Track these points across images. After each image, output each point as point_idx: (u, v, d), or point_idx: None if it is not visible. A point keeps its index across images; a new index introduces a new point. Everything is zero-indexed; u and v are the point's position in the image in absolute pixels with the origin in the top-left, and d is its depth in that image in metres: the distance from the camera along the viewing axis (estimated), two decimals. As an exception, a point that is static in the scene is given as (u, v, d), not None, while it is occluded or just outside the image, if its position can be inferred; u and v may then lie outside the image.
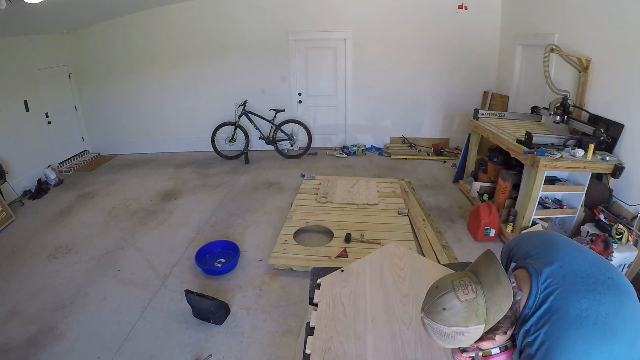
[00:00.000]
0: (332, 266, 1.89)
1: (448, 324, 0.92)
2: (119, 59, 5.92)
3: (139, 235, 3.77)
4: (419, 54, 5.80)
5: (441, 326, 0.93)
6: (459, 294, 0.93)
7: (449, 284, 0.96)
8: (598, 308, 0.89)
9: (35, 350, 2.40)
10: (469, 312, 0.92)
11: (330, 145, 6.44)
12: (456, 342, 0.96)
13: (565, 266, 0.97)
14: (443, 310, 0.93)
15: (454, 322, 0.92)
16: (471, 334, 0.94)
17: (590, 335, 0.86)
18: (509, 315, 0.95)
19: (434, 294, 0.97)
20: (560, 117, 3.57)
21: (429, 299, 0.97)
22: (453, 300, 0.93)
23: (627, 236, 2.75)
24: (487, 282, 0.94)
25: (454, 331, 0.93)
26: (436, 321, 0.94)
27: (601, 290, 0.92)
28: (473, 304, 0.92)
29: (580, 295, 0.91)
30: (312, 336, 1.39)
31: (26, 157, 4.90)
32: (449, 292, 0.94)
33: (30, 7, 3.29)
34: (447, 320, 0.92)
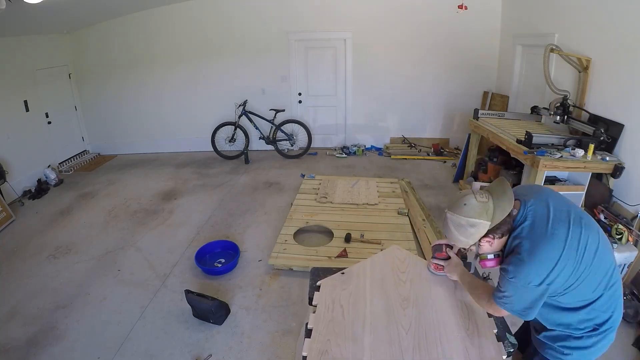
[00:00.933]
0: (332, 266, 1.88)
1: (466, 215, 1.24)
2: (119, 59, 5.92)
3: (139, 235, 3.77)
4: (419, 54, 5.80)
5: (459, 217, 1.25)
6: (476, 196, 1.25)
7: (469, 190, 1.29)
8: (566, 234, 1.20)
9: (35, 350, 2.40)
10: (481, 209, 1.23)
11: (330, 145, 6.44)
12: (467, 234, 1.26)
13: (546, 200, 1.28)
14: (464, 206, 1.25)
15: (470, 214, 1.23)
16: (479, 228, 1.24)
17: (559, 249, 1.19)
18: (507, 221, 1.26)
19: (457, 196, 1.29)
20: (560, 117, 3.57)
21: (453, 200, 1.29)
22: (471, 199, 1.25)
23: (627, 236, 2.75)
24: (496, 193, 1.27)
25: (468, 222, 1.24)
26: (456, 213, 1.25)
27: (568, 222, 1.23)
28: (485, 205, 1.24)
29: (555, 220, 1.22)
30: (310, 338, 1.38)
31: (26, 157, 4.91)
32: (469, 194, 1.27)
33: (30, 7, 3.29)
34: (465, 212, 1.24)
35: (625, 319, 2.52)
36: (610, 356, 2.27)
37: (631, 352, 2.31)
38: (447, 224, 1.29)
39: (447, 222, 1.29)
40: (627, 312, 2.53)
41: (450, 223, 1.28)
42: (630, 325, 2.49)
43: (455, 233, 1.27)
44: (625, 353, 2.31)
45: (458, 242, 1.31)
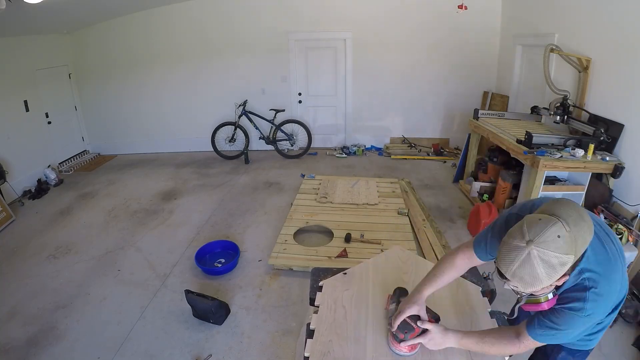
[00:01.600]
0: (332, 266, 1.88)
1: (560, 251, 0.93)
2: (119, 59, 5.92)
3: (139, 235, 3.77)
4: (419, 54, 5.80)
5: (553, 254, 0.93)
6: (565, 225, 0.95)
7: (553, 217, 0.97)
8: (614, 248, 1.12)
9: (35, 350, 2.40)
10: (572, 242, 0.95)
11: (330, 145, 6.44)
12: (553, 275, 0.96)
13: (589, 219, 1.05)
14: (558, 238, 0.93)
15: (565, 250, 0.94)
16: (567, 266, 0.96)
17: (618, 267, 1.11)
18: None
19: (543, 225, 0.95)
20: (560, 117, 3.57)
21: (538, 230, 0.95)
22: (563, 230, 0.94)
23: (627, 236, 2.75)
24: (572, 219, 0.97)
25: (560, 261, 0.94)
26: (550, 249, 0.93)
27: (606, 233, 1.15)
28: (572, 235, 0.95)
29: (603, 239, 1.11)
30: (312, 339, 1.38)
31: (26, 157, 4.90)
32: (555, 222, 0.95)
33: (30, 7, 3.29)
34: (560, 248, 0.93)
35: (625, 319, 2.52)
36: (610, 356, 2.28)
37: (631, 352, 2.31)
38: (531, 264, 0.94)
39: (533, 261, 0.94)
40: (627, 312, 2.53)
41: (540, 263, 0.94)
42: (630, 325, 2.49)
43: (542, 274, 0.94)
44: (625, 353, 2.31)
45: (535, 286, 0.98)
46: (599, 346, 2.32)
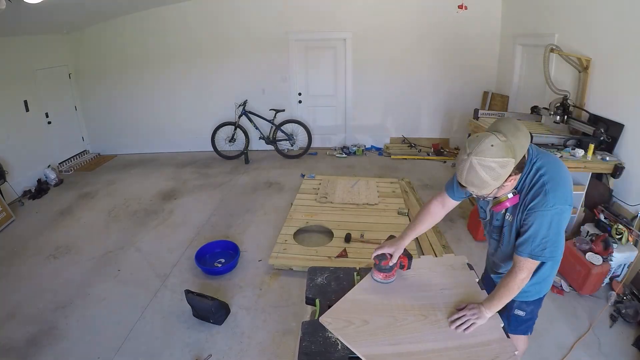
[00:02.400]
0: (332, 266, 1.87)
1: (495, 156, 1.15)
2: (119, 58, 5.91)
3: (139, 235, 3.77)
4: (419, 54, 5.80)
5: (489, 160, 1.16)
6: (498, 136, 1.18)
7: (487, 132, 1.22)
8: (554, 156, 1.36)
9: (35, 350, 2.40)
10: (506, 148, 1.17)
11: (330, 145, 6.44)
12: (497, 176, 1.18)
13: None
14: (491, 147, 1.16)
15: (500, 154, 1.16)
16: (508, 167, 1.18)
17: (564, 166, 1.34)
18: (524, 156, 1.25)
19: (477, 140, 1.19)
20: (560, 117, 3.57)
21: (474, 144, 1.18)
22: (495, 139, 1.17)
23: (627, 236, 2.75)
24: (509, 131, 1.22)
25: (498, 163, 1.16)
26: (486, 156, 1.16)
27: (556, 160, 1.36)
28: (507, 143, 1.18)
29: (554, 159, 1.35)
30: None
31: (26, 157, 4.91)
32: (489, 135, 1.19)
33: (30, 7, 3.30)
34: (494, 154, 1.15)
35: (625, 319, 2.52)
36: (610, 356, 2.28)
37: (631, 352, 2.30)
38: (474, 170, 1.18)
39: (475, 167, 1.17)
40: (627, 312, 2.53)
41: (480, 168, 1.17)
42: (630, 325, 2.49)
43: (486, 177, 1.18)
44: (625, 353, 2.31)
45: (486, 189, 1.22)
46: (599, 346, 2.33)
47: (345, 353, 1.33)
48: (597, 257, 2.69)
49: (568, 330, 2.47)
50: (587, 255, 2.72)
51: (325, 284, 1.71)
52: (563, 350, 2.32)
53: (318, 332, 1.42)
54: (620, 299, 2.67)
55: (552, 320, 2.54)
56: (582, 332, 2.46)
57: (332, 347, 1.36)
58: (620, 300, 2.65)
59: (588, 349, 2.33)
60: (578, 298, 2.76)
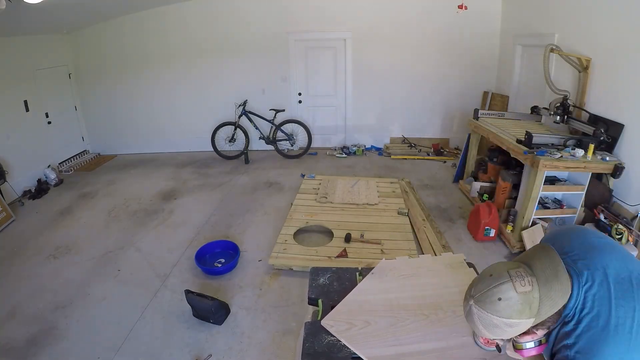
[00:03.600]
0: (332, 266, 1.88)
1: (501, 315, 0.90)
2: (119, 59, 5.91)
3: (139, 235, 3.77)
4: (419, 54, 5.80)
5: (492, 316, 0.91)
6: (516, 284, 0.90)
7: (505, 274, 0.92)
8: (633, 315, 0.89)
9: (35, 350, 2.40)
10: (523, 305, 0.89)
11: (330, 145, 6.44)
12: (500, 334, 0.94)
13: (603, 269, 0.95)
14: (499, 301, 0.90)
15: (508, 313, 0.89)
16: (520, 327, 0.92)
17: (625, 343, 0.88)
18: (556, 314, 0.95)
19: (488, 283, 0.92)
20: (560, 117, 3.57)
21: (482, 287, 0.93)
22: (510, 291, 0.89)
23: (627, 236, 2.75)
24: (544, 276, 0.92)
25: (504, 322, 0.90)
26: (488, 311, 0.91)
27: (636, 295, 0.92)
28: (528, 297, 0.89)
29: (618, 303, 0.91)
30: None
31: (26, 157, 4.90)
32: (506, 282, 0.90)
33: (30, 7, 3.30)
34: (500, 311, 0.90)
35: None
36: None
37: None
38: (473, 320, 0.95)
39: (474, 318, 0.94)
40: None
41: (479, 321, 0.93)
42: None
43: (485, 333, 0.95)
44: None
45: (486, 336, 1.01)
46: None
47: (348, 354, 1.33)
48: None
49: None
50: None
51: (328, 284, 1.71)
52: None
53: (321, 332, 1.42)
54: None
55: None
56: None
57: (335, 348, 1.36)
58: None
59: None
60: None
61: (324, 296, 1.63)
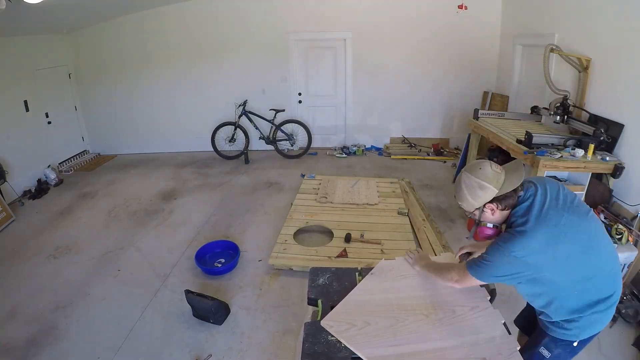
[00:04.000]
0: (332, 266, 1.88)
1: (478, 177, 1.35)
2: (119, 59, 5.92)
3: (139, 235, 3.77)
4: (419, 54, 5.80)
5: (472, 178, 1.36)
6: (492, 166, 1.37)
7: (488, 160, 1.40)
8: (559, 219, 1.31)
9: (35, 350, 2.40)
10: (493, 177, 1.35)
11: (330, 145, 6.44)
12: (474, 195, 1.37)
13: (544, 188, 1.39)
14: (479, 169, 1.37)
15: (482, 177, 1.35)
16: (486, 192, 1.35)
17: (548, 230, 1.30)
18: (512, 196, 1.36)
19: (475, 162, 1.41)
20: (560, 117, 3.57)
21: (472, 164, 1.41)
22: (487, 167, 1.37)
23: (627, 236, 2.74)
24: (509, 169, 1.39)
25: (478, 183, 1.35)
26: (471, 174, 1.37)
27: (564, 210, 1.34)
28: (497, 175, 1.35)
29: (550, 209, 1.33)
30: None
31: (26, 157, 4.90)
32: (486, 161, 1.39)
33: (30, 7, 3.30)
34: (478, 175, 1.36)
35: (625, 319, 2.52)
36: (610, 356, 2.28)
37: (631, 352, 2.31)
38: (459, 183, 1.41)
39: (460, 181, 1.40)
40: (627, 312, 2.53)
41: (462, 182, 1.39)
42: (630, 325, 2.49)
43: (465, 192, 1.38)
44: (625, 353, 2.31)
45: (465, 202, 1.41)
46: (599, 346, 2.33)
47: (348, 354, 1.33)
48: (597, 257, 2.68)
49: (568, 330, 2.47)
50: (587, 255, 2.71)
51: (328, 285, 1.71)
52: (563, 350, 2.32)
53: (321, 333, 1.42)
54: (620, 299, 2.66)
55: (552, 320, 2.54)
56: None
57: (335, 348, 1.36)
58: (620, 301, 2.64)
59: (588, 349, 2.30)
60: (578, 298, 2.76)
61: (323, 296, 1.63)
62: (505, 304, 2.41)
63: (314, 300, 1.63)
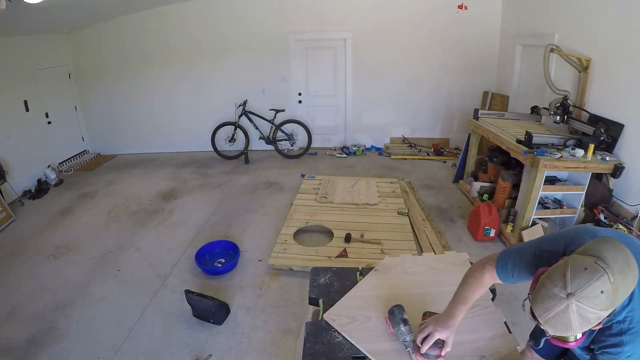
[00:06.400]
0: (332, 266, 1.88)
1: (600, 308, 0.87)
2: (119, 59, 5.91)
3: (139, 235, 3.77)
4: (419, 54, 5.80)
5: (591, 310, 0.87)
6: (609, 274, 0.87)
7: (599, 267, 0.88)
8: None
9: (35, 350, 2.40)
10: (613, 297, 0.88)
11: (330, 145, 6.44)
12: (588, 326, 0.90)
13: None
14: (601, 294, 0.86)
15: (605, 306, 0.87)
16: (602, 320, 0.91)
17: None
18: None
19: (588, 277, 0.87)
20: (560, 117, 3.57)
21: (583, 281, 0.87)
22: (607, 284, 0.86)
23: (627, 236, 2.74)
24: (617, 266, 0.89)
25: (597, 316, 0.88)
26: (590, 306, 0.86)
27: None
28: (614, 287, 0.88)
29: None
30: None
31: (26, 157, 4.90)
32: (603, 275, 0.87)
33: (30, 7, 3.30)
34: (600, 304, 0.87)
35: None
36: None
37: (631, 352, 2.30)
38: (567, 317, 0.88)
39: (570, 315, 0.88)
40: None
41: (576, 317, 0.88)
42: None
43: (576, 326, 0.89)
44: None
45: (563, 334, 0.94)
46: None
47: (349, 353, 1.33)
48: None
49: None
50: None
51: (328, 284, 1.71)
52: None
53: (322, 332, 1.42)
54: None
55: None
56: (583, 332, 2.45)
57: (336, 348, 1.36)
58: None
59: (588, 349, 2.32)
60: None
61: (324, 296, 1.63)
62: (506, 304, 2.41)
63: (315, 300, 1.63)
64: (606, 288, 0.86)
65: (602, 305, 0.87)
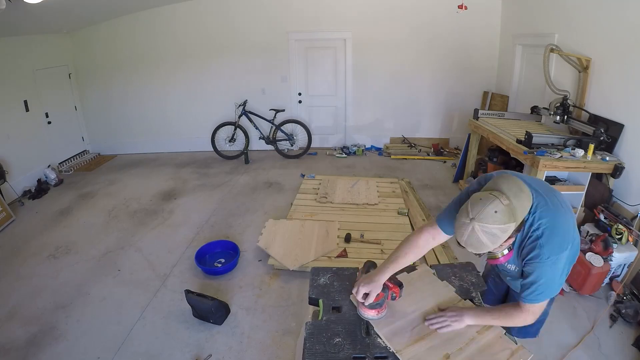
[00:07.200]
0: (332, 266, 1.87)
1: (499, 222, 1.14)
2: (118, 59, 5.91)
3: (139, 235, 3.77)
4: (419, 54, 5.80)
5: (492, 226, 1.14)
6: (502, 200, 1.16)
7: (490, 195, 1.17)
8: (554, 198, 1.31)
9: (35, 350, 2.40)
10: (509, 213, 1.16)
11: (330, 145, 6.44)
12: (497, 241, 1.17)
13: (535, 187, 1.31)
14: (495, 213, 1.14)
15: (503, 220, 1.14)
16: (509, 231, 1.17)
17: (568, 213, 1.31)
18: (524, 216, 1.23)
19: (481, 204, 1.16)
20: (560, 117, 3.57)
21: (477, 208, 1.16)
22: (499, 205, 1.15)
23: (627, 236, 2.75)
24: (513, 193, 1.19)
25: (500, 229, 1.15)
26: (489, 222, 1.14)
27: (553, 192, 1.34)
28: (510, 207, 1.16)
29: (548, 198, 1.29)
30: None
31: (26, 157, 4.90)
32: (493, 200, 1.16)
33: (30, 7, 3.30)
34: (497, 220, 1.14)
35: (625, 319, 2.53)
36: (610, 356, 2.28)
37: (631, 352, 2.31)
38: (475, 235, 1.16)
39: (477, 233, 1.16)
40: (627, 312, 2.53)
41: (483, 234, 1.16)
42: (630, 325, 2.50)
43: (486, 241, 1.17)
44: (625, 353, 2.31)
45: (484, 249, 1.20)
46: (599, 346, 2.33)
47: (349, 354, 1.33)
48: (597, 257, 2.69)
49: (568, 330, 2.47)
50: (587, 255, 2.72)
51: (328, 284, 1.71)
52: (563, 350, 2.32)
53: (322, 332, 1.42)
54: (620, 299, 2.67)
55: (552, 320, 2.53)
56: (582, 332, 2.46)
57: (336, 348, 1.36)
58: (620, 301, 2.65)
59: (588, 349, 2.33)
60: (578, 298, 2.76)
61: (324, 296, 1.63)
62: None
63: (315, 300, 1.63)
64: (499, 208, 1.14)
65: (500, 220, 1.14)
